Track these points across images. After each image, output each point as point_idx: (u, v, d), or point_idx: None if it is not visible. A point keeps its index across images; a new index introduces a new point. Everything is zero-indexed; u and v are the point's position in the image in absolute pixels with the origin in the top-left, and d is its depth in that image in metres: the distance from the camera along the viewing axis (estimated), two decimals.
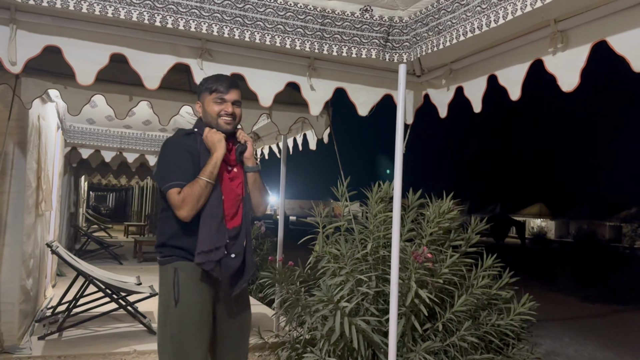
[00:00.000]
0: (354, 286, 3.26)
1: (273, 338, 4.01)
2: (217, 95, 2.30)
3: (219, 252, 2.21)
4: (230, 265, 2.26)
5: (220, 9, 2.48)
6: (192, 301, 2.22)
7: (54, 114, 5.46)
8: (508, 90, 2.54)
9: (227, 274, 2.26)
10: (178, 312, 2.20)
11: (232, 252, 2.27)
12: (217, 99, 2.30)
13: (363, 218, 3.78)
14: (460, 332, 3.14)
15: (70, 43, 2.52)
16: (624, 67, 1.96)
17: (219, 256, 2.21)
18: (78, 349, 4.01)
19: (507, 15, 2.10)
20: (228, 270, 2.26)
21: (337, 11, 2.68)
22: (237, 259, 2.28)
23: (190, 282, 2.23)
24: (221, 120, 2.31)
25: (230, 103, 2.31)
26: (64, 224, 9.11)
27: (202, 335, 2.22)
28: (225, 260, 2.24)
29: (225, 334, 2.37)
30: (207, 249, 2.18)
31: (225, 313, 2.35)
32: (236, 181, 2.36)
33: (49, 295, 5.88)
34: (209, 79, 2.38)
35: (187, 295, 2.21)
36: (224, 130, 2.32)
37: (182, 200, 2.15)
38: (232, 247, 2.27)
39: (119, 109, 3.69)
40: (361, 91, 3.14)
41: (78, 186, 13.40)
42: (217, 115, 2.30)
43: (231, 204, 2.30)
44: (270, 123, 4.44)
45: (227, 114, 2.31)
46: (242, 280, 2.33)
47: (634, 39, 1.93)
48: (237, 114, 2.35)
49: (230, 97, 2.31)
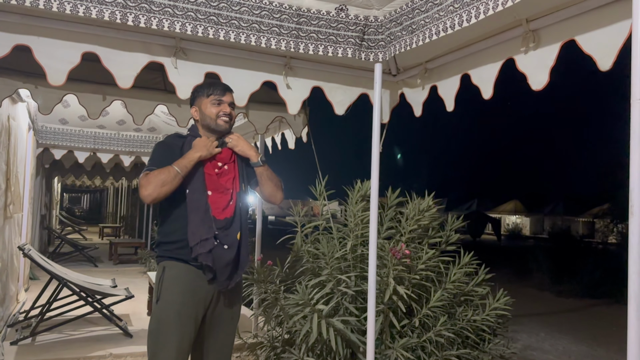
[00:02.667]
0: (335, 286, 3.27)
1: (252, 338, 3.99)
2: (214, 97, 2.43)
3: (208, 242, 2.29)
4: (222, 256, 2.31)
5: (194, 7, 2.46)
6: (171, 300, 2.29)
7: (24, 114, 5.35)
8: (480, 89, 2.58)
9: (221, 265, 2.31)
10: (157, 309, 2.31)
11: (225, 243, 2.33)
12: (215, 100, 2.43)
13: (342, 217, 3.79)
14: (437, 328, 3.17)
15: (41, 42, 2.46)
16: (594, 67, 2.00)
17: (209, 247, 2.28)
18: (52, 354, 3.93)
19: (479, 14, 2.13)
20: (221, 261, 2.31)
21: (313, 10, 2.68)
22: (230, 250, 2.34)
23: (173, 281, 2.31)
24: (220, 120, 2.43)
25: (227, 104, 2.45)
26: (36, 227, 8.93)
27: (179, 334, 2.26)
28: (217, 250, 2.30)
29: (216, 325, 2.43)
30: (195, 242, 2.28)
31: (217, 306, 2.40)
32: (225, 177, 2.44)
33: (22, 299, 5.75)
34: (203, 85, 2.53)
35: (168, 293, 2.30)
36: (223, 129, 2.45)
37: (147, 180, 2.25)
38: (224, 238, 2.33)
39: (92, 109, 3.63)
40: (338, 90, 3.14)
41: (51, 188, 13.15)
42: (216, 116, 2.43)
43: (219, 197, 2.38)
44: (247, 122, 4.42)
45: (225, 114, 2.44)
46: (237, 274, 2.39)
47: (600, 38, 1.98)
48: (232, 115, 2.49)
49: (226, 99, 2.46)
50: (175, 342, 2.25)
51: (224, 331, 2.45)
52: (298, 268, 3.70)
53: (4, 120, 4.17)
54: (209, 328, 2.41)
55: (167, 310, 2.28)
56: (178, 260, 2.32)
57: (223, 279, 2.33)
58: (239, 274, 2.41)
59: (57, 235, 11.59)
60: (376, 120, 2.85)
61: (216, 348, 2.44)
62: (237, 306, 2.53)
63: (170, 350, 2.24)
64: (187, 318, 2.29)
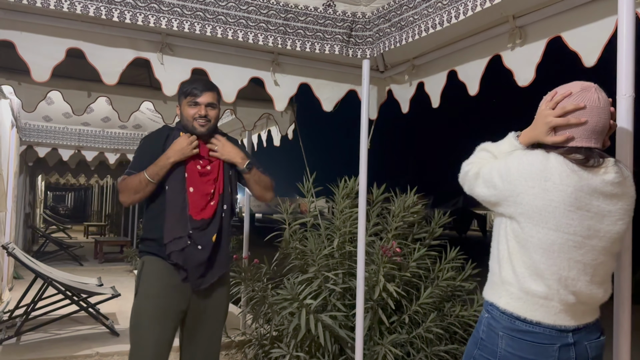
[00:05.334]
0: (322, 283, 3.27)
1: (240, 336, 3.98)
2: (191, 98, 2.36)
3: (182, 241, 2.28)
4: (195, 255, 2.29)
5: (180, 3, 2.43)
6: (148, 294, 2.29)
7: (7, 111, 5.27)
8: (467, 85, 2.60)
9: (192, 265, 2.29)
10: (136, 303, 2.31)
11: (199, 243, 2.30)
12: (191, 102, 2.36)
13: (329, 214, 3.79)
14: (426, 324, 3.19)
15: (24, 37, 2.43)
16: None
17: (181, 245, 2.27)
18: (37, 353, 3.89)
19: (467, 11, 2.14)
20: (193, 260, 2.29)
21: (300, 6, 2.67)
22: (203, 251, 2.31)
23: (151, 276, 2.31)
24: (196, 124, 2.35)
25: (204, 106, 2.36)
26: (20, 225, 8.81)
27: (157, 327, 2.27)
28: (191, 249, 2.28)
29: (199, 324, 2.41)
30: (169, 240, 2.28)
31: (200, 299, 2.38)
32: (207, 177, 2.39)
33: (6, 299, 5.67)
34: (185, 83, 2.46)
35: (145, 287, 2.31)
36: (199, 132, 2.36)
37: (124, 185, 2.31)
38: (198, 238, 2.30)
39: (76, 106, 3.59)
40: (325, 87, 3.14)
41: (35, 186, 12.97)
42: (192, 119, 2.36)
43: (199, 197, 2.34)
44: (235, 119, 4.40)
45: (201, 116, 2.35)
46: (210, 275, 2.35)
47: (585, 35, 2.01)
48: (211, 116, 2.38)
49: (203, 99, 2.35)
50: (154, 335, 2.26)
51: (211, 320, 2.43)
52: (286, 265, 3.70)
53: None
54: (194, 319, 2.39)
55: (146, 303, 2.29)
56: (157, 256, 2.32)
57: (194, 278, 2.31)
58: (214, 275, 2.36)
59: (41, 234, 11.44)
60: (364, 117, 2.85)
61: (204, 336, 2.43)
62: (223, 297, 2.48)
63: (149, 342, 2.25)
64: (165, 311, 2.29)
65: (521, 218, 1.42)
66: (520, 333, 1.42)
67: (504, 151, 1.55)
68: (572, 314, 1.40)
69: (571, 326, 1.40)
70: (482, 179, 1.53)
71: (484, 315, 1.54)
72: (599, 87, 1.42)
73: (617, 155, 1.53)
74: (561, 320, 1.40)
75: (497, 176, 1.48)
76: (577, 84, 1.45)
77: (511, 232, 1.47)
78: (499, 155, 1.56)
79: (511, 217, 1.46)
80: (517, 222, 1.44)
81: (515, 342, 1.42)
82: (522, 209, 1.42)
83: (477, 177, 1.54)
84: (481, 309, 1.59)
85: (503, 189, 1.46)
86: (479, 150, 1.64)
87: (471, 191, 1.57)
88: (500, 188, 1.46)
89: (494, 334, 1.47)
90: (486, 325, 1.51)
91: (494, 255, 1.54)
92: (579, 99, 1.41)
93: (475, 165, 1.58)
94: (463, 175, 1.61)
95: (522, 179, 1.42)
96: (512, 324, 1.44)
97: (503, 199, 1.47)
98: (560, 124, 1.42)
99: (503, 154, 1.54)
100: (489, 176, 1.51)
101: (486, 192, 1.51)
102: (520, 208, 1.42)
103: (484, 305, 1.57)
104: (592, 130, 1.41)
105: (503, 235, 1.50)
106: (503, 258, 1.49)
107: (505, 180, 1.45)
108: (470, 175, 1.58)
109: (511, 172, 1.44)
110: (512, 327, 1.44)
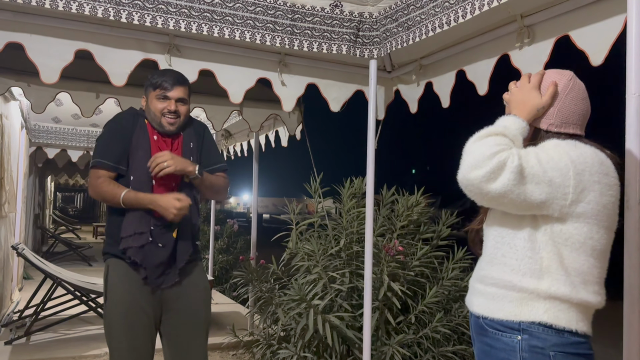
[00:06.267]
0: (327, 283, 3.27)
1: (247, 336, 3.99)
2: (160, 91, 2.21)
3: (143, 237, 2.16)
4: (155, 253, 2.18)
5: (188, 4, 2.44)
6: (116, 300, 2.19)
7: (17, 112, 5.31)
8: (476, 85, 2.59)
9: (152, 264, 2.18)
10: (106, 309, 2.22)
11: (160, 241, 2.19)
12: (161, 95, 2.21)
13: (336, 214, 3.79)
14: (433, 324, 3.18)
15: (33, 39, 2.45)
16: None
17: (143, 242, 2.15)
18: (47, 353, 3.92)
19: (474, 10, 2.13)
20: (152, 259, 2.17)
21: (307, 6, 2.67)
22: (164, 249, 2.20)
23: (117, 280, 2.20)
24: (164, 120, 2.22)
25: (174, 101, 2.22)
26: (29, 226, 8.88)
27: (129, 333, 2.17)
28: (151, 247, 2.17)
29: (175, 329, 2.29)
30: (128, 234, 2.15)
31: (170, 307, 2.27)
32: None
33: (16, 299, 5.72)
34: (155, 74, 2.28)
35: (113, 293, 2.20)
36: (167, 131, 2.24)
37: (95, 182, 2.19)
38: (160, 236, 2.19)
39: (85, 107, 3.61)
40: (333, 87, 3.14)
41: (44, 187, 13.08)
42: (161, 114, 2.21)
43: (164, 190, 2.22)
44: (241, 120, 4.41)
45: (170, 112, 2.21)
46: (172, 273, 2.23)
47: (593, 34, 2.00)
48: (181, 112, 2.24)
49: (174, 94, 2.21)
50: (126, 341, 2.17)
51: (187, 324, 2.28)
52: (293, 266, 3.70)
53: None
54: (169, 324, 2.28)
55: (114, 310, 2.19)
56: (119, 258, 2.20)
57: (154, 277, 2.19)
58: (175, 272, 2.23)
59: (50, 235, 11.53)
60: (371, 117, 2.85)
61: (183, 342, 2.29)
62: (198, 298, 2.32)
63: (122, 349, 2.17)
64: (134, 316, 2.18)
65: (579, 217, 1.25)
66: (573, 347, 1.26)
67: (518, 136, 1.32)
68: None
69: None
70: (528, 172, 1.23)
71: (514, 339, 1.28)
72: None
73: (626, 153, 1.51)
74: (590, 326, 1.31)
75: (552, 170, 1.23)
76: (554, 72, 1.43)
77: (560, 237, 1.27)
78: (517, 143, 1.30)
79: (561, 218, 1.26)
80: (572, 223, 1.26)
81: (570, 359, 1.26)
82: (583, 207, 1.24)
83: (521, 171, 1.22)
84: None
85: (561, 184, 1.23)
86: (489, 136, 1.28)
87: (512, 188, 1.21)
88: (557, 184, 1.23)
89: (544, 356, 1.26)
90: (527, 350, 1.27)
91: (519, 267, 1.30)
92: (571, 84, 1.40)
93: (514, 155, 1.22)
94: (495, 168, 1.21)
95: (587, 172, 1.24)
96: (562, 337, 1.26)
97: (557, 197, 1.24)
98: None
99: (519, 141, 1.31)
100: (537, 169, 1.23)
101: (535, 189, 1.23)
102: (581, 206, 1.24)
103: (504, 326, 1.31)
104: (586, 117, 1.41)
105: (543, 242, 1.29)
106: (547, 268, 1.27)
107: (564, 174, 1.23)
108: (512, 167, 1.21)
109: (569, 165, 1.24)
110: (563, 343, 1.26)
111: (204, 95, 3.89)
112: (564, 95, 1.39)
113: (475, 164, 1.23)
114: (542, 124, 1.40)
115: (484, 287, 1.39)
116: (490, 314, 1.34)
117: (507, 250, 1.33)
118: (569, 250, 1.27)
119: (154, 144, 2.26)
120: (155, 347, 2.28)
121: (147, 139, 2.26)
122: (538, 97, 1.38)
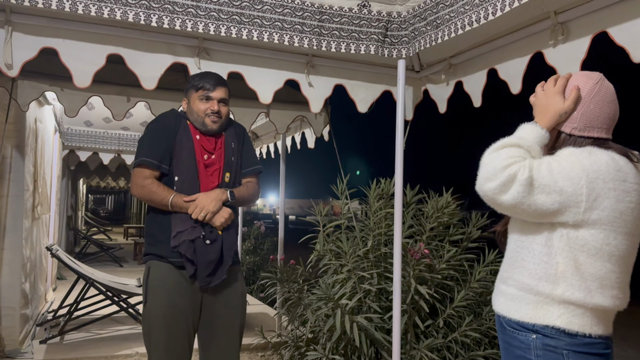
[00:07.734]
0: (357, 283, 3.25)
1: (276, 338, 4.00)
2: (203, 92, 2.28)
3: (196, 230, 2.20)
4: (206, 250, 2.21)
5: (217, 7, 2.46)
6: (156, 303, 2.22)
7: (51, 116, 5.44)
8: (509, 84, 2.53)
9: (203, 261, 2.21)
10: (145, 311, 2.24)
11: (208, 238, 2.23)
12: (203, 96, 2.28)
13: (363, 216, 3.76)
14: (462, 328, 3.13)
15: (67, 44, 2.49)
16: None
17: (196, 235, 2.19)
18: (80, 352, 3.99)
19: (505, 7, 2.08)
20: (203, 256, 2.21)
21: (335, 7, 2.66)
22: (213, 246, 2.24)
23: (157, 282, 2.23)
24: (208, 120, 2.28)
25: (217, 101, 2.29)
26: (62, 228, 9.09)
27: (167, 335, 2.20)
28: (201, 243, 2.20)
29: (213, 332, 2.32)
30: (181, 229, 2.19)
31: (210, 310, 2.30)
32: (212, 168, 2.31)
33: (50, 299, 5.86)
34: (196, 76, 2.36)
35: (153, 294, 2.22)
36: (210, 130, 2.30)
37: (143, 187, 2.20)
38: (208, 234, 2.23)
39: (116, 110, 3.67)
40: (360, 88, 3.12)
41: (76, 189, 13.37)
42: (204, 114, 2.28)
43: (207, 189, 2.27)
44: (268, 122, 4.42)
45: (214, 112, 2.27)
46: (220, 272, 2.26)
47: (633, 30, 1.92)
48: (223, 113, 2.31)
49: (216, 94, 2.29)
50: (164, 344, 2.20)
51: (225, 327, 2.32)
52: (321, 267, 3.69)
53: (31, 122, 4.25)
54: (207, 327, 2.31)
55: (154, 312, 2.21)
56: (161, 258, 2.23)
57: (204, 275, 2.22)
58: (223, 271, 2.26)
59: (83, 236, 11.78)
60: (399, 118, 2.82)
61: (220, 345, 2.33)
62: (237, 301, 2.37)
63: (160, 351, 2.20)
64: (174, 319, 2.21)
65: (595, 224, 1.27)
66: (587, 347, 1.30)
67: (534, 146, 1.35)
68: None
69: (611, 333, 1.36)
70: (539, 183, 1.28)
71: (529, 338, 1.34)
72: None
73: None
74: (611, 327, 1.35)
75: (563, 179, 1.28)
76: (581, 75, 1.43)
77: (576, 243, 1.29)
78: (533, 152, 1.34)
79: (577, 225, 1.29)
80: (587, 230, 1.28)
81: (583, 358, 1.30)
82: (598, 214, 1.27)
83: (531, 183, 1.28)
84: None
85: (573, 193, 1.27)
86: (504, 147, 1.34)
87: (522, 199, 1.28)
88: (569, 193, 1.27)
89: (557, 355, 1.30)
90: (541, 347, 1.32)
91: (536, 271, 1.34)
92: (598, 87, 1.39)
93: (525, 167, 1.28)
94: (505, 181, 1.28)
95: (600, 180, 1.27)
96: (575, 339, 1.30)
97: (570, 205, 1.27)
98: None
99: (535, 150, 1.35)
100: (548, 180, 1.28)
101: (546, 199, 1.27)
102: (595, 214, 1.27)
103: (518, 325, 1.37)
104: (615, 120, 1.39)
105: (560, 247, 1.31)
106: (562, 273, 1.30)
107: (576, 183, 1.27)
108: (522, 180, 1.27)
109: (581, 174, 1.27)
110: (576, 343, 1.30)
111: (231, 97, 3.90)
112: (589, 99, 1.39)
113: (489, 176, 1.31)
114: (566, 128, 1.42)
115: (505, 287, 1.43)
116: (509, 314, 1.39)
117: (526, 254, 1.38)
118: (586, 256, 1.30)
119: (197, 144, 2.30)
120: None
121: (191, 139, 2.30)
122: (561, 102, 1.40)
